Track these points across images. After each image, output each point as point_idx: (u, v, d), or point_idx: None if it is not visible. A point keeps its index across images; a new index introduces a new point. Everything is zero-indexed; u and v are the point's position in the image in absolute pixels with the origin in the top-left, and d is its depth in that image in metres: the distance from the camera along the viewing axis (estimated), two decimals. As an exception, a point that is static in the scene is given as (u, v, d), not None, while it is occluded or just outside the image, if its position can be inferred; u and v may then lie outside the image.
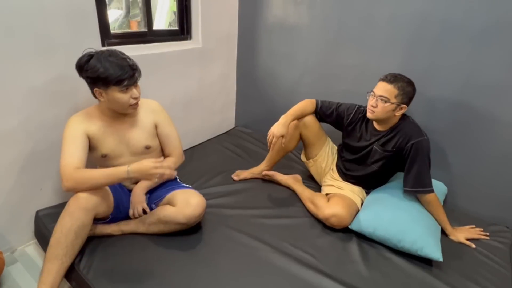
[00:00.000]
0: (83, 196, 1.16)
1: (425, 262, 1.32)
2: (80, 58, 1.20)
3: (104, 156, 1.34)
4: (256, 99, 2.44)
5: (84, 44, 1.40)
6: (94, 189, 1.18)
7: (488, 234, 1.50)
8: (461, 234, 1.47)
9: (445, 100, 1.63)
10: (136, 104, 1.29)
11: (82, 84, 1.26)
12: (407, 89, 1.38)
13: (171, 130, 1.47)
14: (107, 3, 1.58)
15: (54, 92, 1.41)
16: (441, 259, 1.26)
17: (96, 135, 1.30)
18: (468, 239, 1.45)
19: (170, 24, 2.39)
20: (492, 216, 1.65)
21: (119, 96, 1.22)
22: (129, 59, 1.23)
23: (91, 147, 1.31)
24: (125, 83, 1.20)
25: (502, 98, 1.49)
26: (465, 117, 1.61)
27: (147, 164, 1.17)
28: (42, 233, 1.39)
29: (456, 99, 1.61)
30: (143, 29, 1.85)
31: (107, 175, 1.18)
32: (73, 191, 1.17)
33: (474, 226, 1.55)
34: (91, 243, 1.27)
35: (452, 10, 1.51)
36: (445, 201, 1.71)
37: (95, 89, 1.22)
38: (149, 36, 1.83)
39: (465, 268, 1.31)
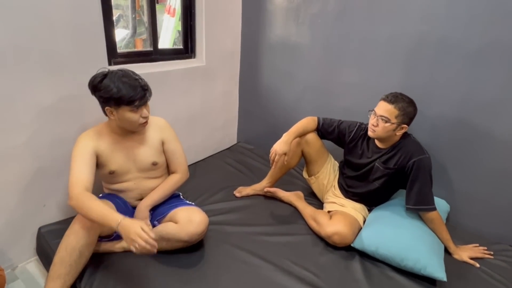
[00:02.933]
0: None
1: (428, 281, 1.30)
2: (94, 78, 1.23)
3: (112, 172, 1.35)
4: (258, 116, 2.47)
5: (91, 62, 1.45)
6: (86, 218, 1.16)
7: (492, 253, 1.49)
8: (465, 253, 1.45)
9: (445, 118, 1.66)
10: (146, 123, 1.32)
11: (89, 102, 1.29)
12: (407, 109, 1.40)
13: (177, 147, 1.49)
14: (114, 23, 1.63)
15: (61, 109, 1.44)
16: (445, 279, 1.25)
17: (105, 153, 1.32)
18: (471, 258, 1.44)
19: (174, 43, 2.45)
20: (495, 234, 1.64)
21: (130, 115, 1.25)
22: (141, 79, 1.26)
23: (100, 164, 1.33)
24: (136, 103, 1.22)
25: (500, 115, 1.51)
26: (465, 134, 1.62)
27: (136, 229, 1.05)
28: (44, 250, 1.39)
29: (455, 116, 1.63)
30: (149, 47, 1.90)
31: (102, 215, 1.11)
32: (73, 209, 1.18)
33: (477, 244, 1.54)
34: (93, 261, 1.26)
35: (449, 30, 1.55)
36: (447, 219, 1.71)
37: (107, 107, 1.25)
38: (155, 55, 1.88)
39: (469, 288, 1.30)
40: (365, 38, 1.82)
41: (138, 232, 1.03)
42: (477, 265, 1.41)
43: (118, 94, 1.19)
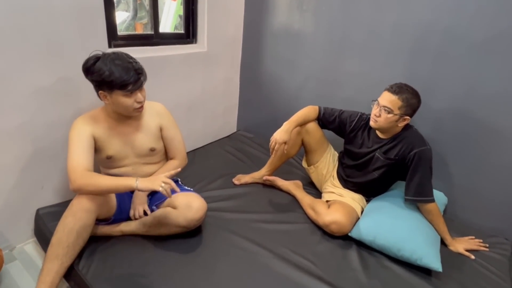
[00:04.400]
0: (86, 197, 1.16)
1: (424, 272, 1.32)
2: (87, 61, 1.20)
3: (109, 157, 1.34)
4: (259, 104, 2.45)
5: (91, 44, 1.42)
6: (98, 194, 1.19)
7: (487, 245, 1.50)
8: (461, 245, 1.47)
9: (448, 110, 1.65)
10: (141, 107, 1.29)
11: (88, 85, 1.27)
12: (411, 101, 1.38)
13: (175, 133, 1.47)
14: (115, 4, 1.59)
15: (60, 92, 1.42)
16: (440, 270, 1.26)
17: (101, 137, 1.30)
18: (467, 250, 1.45)
19: (176, 28, 2.41)
20: (491, 228, 1.65)
21: (123, 100, 1.22)
22: (136, 62, 1.23)
23: (96, 149, 1.31)
24: (130, 87, 1.19)
25: (504, 109, 1.50)
26: (467, 127, 1.62)
27: (159, 176, 1.19)
28: (42, 232, 1.39)
29: (458, 109, 1.62)
30: (149, 31, 1.87)
31: (116, 181, 1.17)
32: (79, 192, 1.17)
33: (473, 237, 1.55)
34: (91, 244, 1.27)
35: (455, 21, 1.53)
36: (444, 211, 1.72)
37: (100, 91, 1.22)
38: (155, 38, 1.85)
39: (464, 279, 1.31)
40: (370, 26, 1.79)
41: (165, 179, 1.17)
42: (472, 257, 1.42)
43: (110, 77, 1.16)
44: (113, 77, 1.16)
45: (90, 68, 1.19)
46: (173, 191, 1.40)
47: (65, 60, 1.39)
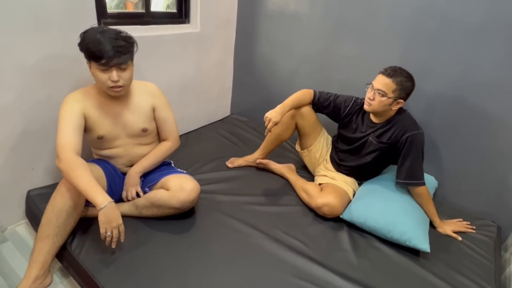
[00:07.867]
0: None
1: (412, 252, 1.35)
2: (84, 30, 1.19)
3: (101, 138, 1.32)
4: (253, 87, 2.42)
5: (79, 22, 1.36)
6: (71, 184, 1.14)
7: (474, 227, 1.54)
8: (449, 227, 1.50)
9: (441, 95, 1.65)
10: (117, 87, 1.22)
11: (77, 64, 1.24)
12: (405, 84, 1.38)
13: (168, 114, 1.45)
14: (104, -19, 1.54)
15: (49, 70, 1.38)
16: (428, 250, 1.29)
17: (92, 116, 1.27)
18: (455, 232, 1.49)
19: (168, 7, 2.33)
20: (479, 211, 1.69)
21: (97, 73, 1.19)
22: (123, 40, 1.18)
23: (87, 128, 1.28)
24: (103, 61, 1.15)
25: (496, 95, 1.51)
26: (459, 112, 1.62)
27: (118, 221, 1.12)
28: (33, 213, 1.38)
29: (451, 94, 1.62)
30: (141, 10, 1.81)
31: (90, 188, 1.10)
32: (60, 171, 1.15)
33: (461, 219, 1.59)
34: (84, 224, 1.27)
35: (452, 5, 1.51)
36: (434, 194, 1.75)
37: (86, 61, 1.20)
38: (147, 17, 1.80)
39: (451, 259, 1.34)
40: (366, 10, 1.76)
41: (119, 226, 1.12)
42: (460, 238, 1.46)
43: (87, 45, 1.14)
44: (89, 46, 1.14)
45: (81, 36, 1.18)
46: (167, 173, 1.41)
47: (54, 38, 1.35)
